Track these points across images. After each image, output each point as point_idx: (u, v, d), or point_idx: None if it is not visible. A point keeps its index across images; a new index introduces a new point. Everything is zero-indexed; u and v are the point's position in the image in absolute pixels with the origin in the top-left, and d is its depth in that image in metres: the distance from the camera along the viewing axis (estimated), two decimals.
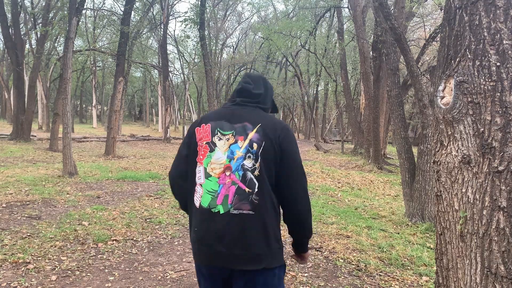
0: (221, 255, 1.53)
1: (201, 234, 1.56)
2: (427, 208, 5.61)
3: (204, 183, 1.57)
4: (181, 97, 41.95)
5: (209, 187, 1.56)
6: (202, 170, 1.59)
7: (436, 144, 1.78)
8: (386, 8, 5.99)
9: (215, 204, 1.54)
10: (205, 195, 1.56)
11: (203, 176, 1.58)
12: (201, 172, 1.59)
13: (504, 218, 1.47)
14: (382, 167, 12.40)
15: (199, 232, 1.57)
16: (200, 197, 1.57)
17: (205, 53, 13.04)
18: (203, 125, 1.64)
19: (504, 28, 1.53)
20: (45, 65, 23.60)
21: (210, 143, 1.60)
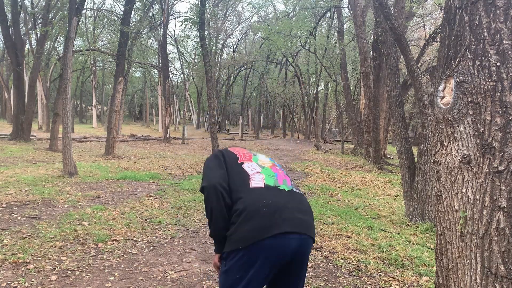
0: (303, 223, 1.74)
1: (280, 205, 1.72)
2: (427, 208, 5.61)
3: (262, 171, 1.87)
4: (181, 97, 41.99)
5: (268, 173, 1.86)
6: (255, 164, 1.91)
7: (436, 144, 1.78)
8: (386, 8, 5.99)
9: (278, 184, 1.82)
10: (268, 178, 1.83)
11: (258, 167, 1.89)
12: (254, 165, 1.90)
13: (504, 218, 1.47)
14: (382, 167, 12.40)
15: (275, 203, 1.71)
16: (263, 179, 1.81)
17: (205, 53, 13.04)
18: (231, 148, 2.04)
19: (504, 28, 1.53)
20: (45, 65, 23.60)
21: (249, 152, 2.02)
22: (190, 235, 4.64)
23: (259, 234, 1.64)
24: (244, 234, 1.66)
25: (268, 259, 1.66)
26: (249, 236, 1.65)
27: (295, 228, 1.69)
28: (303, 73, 30.57)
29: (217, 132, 15.14)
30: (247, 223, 1.66)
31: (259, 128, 34.23)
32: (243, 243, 1.65)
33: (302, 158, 15.71)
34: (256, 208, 1.68)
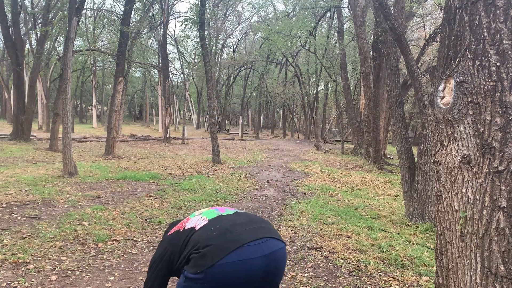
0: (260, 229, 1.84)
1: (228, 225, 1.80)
2: (427, 208, 5.61)
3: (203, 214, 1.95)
4: (181, 97, 41.98)
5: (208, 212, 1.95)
6: (193, 218, 1.96)
7: (436, 144, 1.78)
8: (386, 8, 5.98)
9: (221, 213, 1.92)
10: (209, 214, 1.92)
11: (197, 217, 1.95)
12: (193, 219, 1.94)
13: (504, 218, 1.47)
14: (382, 167, 12.40)
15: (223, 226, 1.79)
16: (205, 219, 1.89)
17: (205, 53, 13.04)
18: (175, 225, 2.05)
19: (504, 28, 1.53)
20: (45, 65, 23.60)
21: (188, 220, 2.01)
22: None
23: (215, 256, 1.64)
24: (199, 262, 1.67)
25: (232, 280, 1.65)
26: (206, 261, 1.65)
27: (253, 237, 1.69)
28: (303, 73, 30.56)
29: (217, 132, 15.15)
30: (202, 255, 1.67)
31: (259, 128, 34.23)
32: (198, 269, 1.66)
33: (302, 158, 15.71)
34: (207, 236, 1.74)
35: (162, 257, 1.92)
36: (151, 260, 1.98)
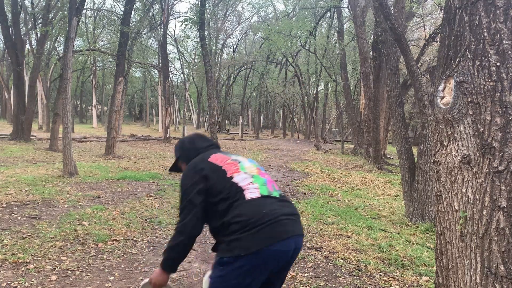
0: (296, 224, 1.82)
1: (280, 212, 1.77)
2: (427, 208, 5.61)
3: (254, 180, 1.87)
4: (181, 97, 41.99)
5: (260, 182, 1.88)
6: (243, 174, 1.88)
7: (436, 144, 1.78)
8: (386, 8, 5.98)
9: (270, 191, 1.86)
10: (261, 187, 1.85)
11: (248, 177, 1.88)
12: (244, 176, 1.88)
13: (504, 218, 1.47)
14: (382, 167, 12.40)
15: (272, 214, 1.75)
16: (257, 189, 1.83)
17: (205, 53, 13.04)
18: (212, 155, 1.97)
19: (504, 28, 1.53)
20: (45, 65, 23.60)
21: (233, 160, 1.96)
22: None
23: (262, 242, 1.68)
24: (247, 243, 1.67)
25: (267, 266, 1.71)
26: (253, 245, 1.67)
27: (292, 232, 1.76)
28: (303, 73, 30.56)
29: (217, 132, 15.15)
30: (250, 232, 1.68)
31: (259, 128, 34.23)
32: (246, 251, 1.66)
33: (302, 158, 15.71)
34: (257, 218, 1.71)
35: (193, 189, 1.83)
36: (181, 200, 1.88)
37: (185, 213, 1.82)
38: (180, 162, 2.18)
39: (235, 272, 1.69)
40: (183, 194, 1.87)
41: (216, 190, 1.82)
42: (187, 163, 2.04)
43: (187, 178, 1.89)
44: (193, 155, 2.06)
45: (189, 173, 1.92)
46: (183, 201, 1.85)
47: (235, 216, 1.73)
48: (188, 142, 2.17)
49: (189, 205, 1.81)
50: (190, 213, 1.80)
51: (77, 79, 33.36)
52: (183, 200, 1.85)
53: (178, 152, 2.17)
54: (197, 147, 2.11)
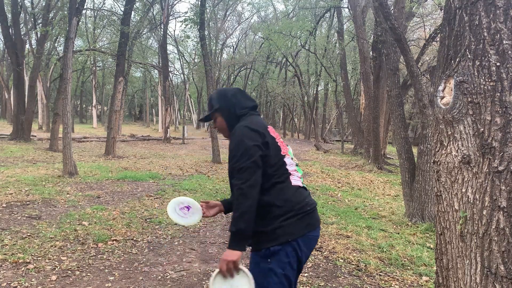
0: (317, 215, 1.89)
1: (314, 203, 1.86)
2: (427, 208, 5.61)
3: (297, 169, 1.88)
4: (181, 97, 41.98)
5: (299, 172, 1.90)
6: (290, 159, 1.86)
7: (436, 144, 1.78)
8: (386, 8, 5.98)
9: (303, 183, 1.88)
10: (301, 178, 1.88)
11: (294, 163, 1.87)
12: (291, 161, 1.86)
13: (504, 218, 1.47)
14: (382, 167, 12.40)
15: (311, 203, 1.83)
16: (299, 178, 1.86)
17: (205, 53, 13.04)
18: (269, 127, 1.87)
19: (504, 28, 1.53)
20: (45, 65, 23.59)
21: (282, 141, 1.91)
22: (190, 235, 4.64)
23: (305, 228, 1.74)
24: (292, 229, 1.70)
25: (307, 252, 1.77)
26: (298, 230, 1.71)
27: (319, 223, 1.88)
28: (303, 73, 30.55)
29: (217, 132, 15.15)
30: (294, 219, 1.71)
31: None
32: (292, 237, 1.69)
33: (302, 158, 15.71)
34: (301, 206, 1.75)
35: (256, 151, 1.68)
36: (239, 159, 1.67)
37: (249, 172, 1.63)
38: (218, 114, 1.94)
39: (284, 260, 1.67)
40: (243, 153, 1.66)
41: (269, 163, 1.72)
42: (227, 117, 1.89)
43: (249, 138, 1.70)
44: (237, 111, 1.88)
45: (251, 133, 1.72)
46: (245, 160, 1.64)
47: (280, 199, 1.70)
48: (231, 95, 1.93)
49: (254, 166, 1.64)
50: (255, 174, 1.64)
51: (77, 79, 33.36)
52: (245, 159, 1.64)
53: (217, 103, 1.92)
54: (242, 104, 1.90)
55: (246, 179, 1.62)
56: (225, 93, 1.94)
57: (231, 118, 1.89)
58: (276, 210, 1.69)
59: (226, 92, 1.95)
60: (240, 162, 1.65)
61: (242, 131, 1.73)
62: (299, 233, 1.70)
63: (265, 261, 1.68)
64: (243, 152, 1.66)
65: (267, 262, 1.68)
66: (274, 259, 1.67)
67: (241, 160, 1.65)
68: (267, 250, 1.68)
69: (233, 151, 1.70)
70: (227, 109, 1.90)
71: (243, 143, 1.68)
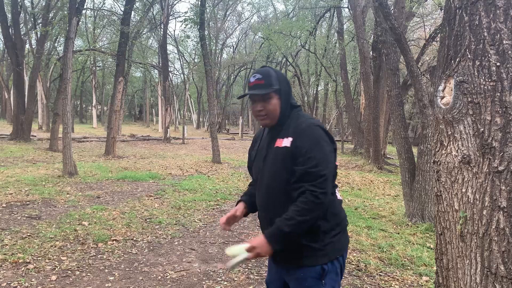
0: None
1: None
2: (427, 208, 5.61)
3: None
4: (181, 97, 41.95)
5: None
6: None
7: (436, 144, 1.78)
8: (386, 8, 5.98)
9: None
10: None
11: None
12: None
13: (504, 218, 1.47)
14: (382, 167, 12.40)
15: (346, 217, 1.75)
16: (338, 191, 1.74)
17: (205, 53, 13.03)
18: None
19: (504, 28, 1.53)
20: (45, 65, 23.57)
21: None
22: (190, 235, 4.64)
23: (346, 244, 1.71)
24: (340, 245, 1.64)
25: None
26: (343, 246, 1.67)
27: None
28: (303, 73, 30.52)
29: (217, 132, 15.16)
30: (341, 234, 1.66)
31: (259, 128, 34.19)
32: (339, 253, 1.63)
33: None
34: (345, 221, 1.71)
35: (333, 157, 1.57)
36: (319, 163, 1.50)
37: (328, 182, 1.49)
38: (275, 95, 1.66)
39: (334, 278, 1.59)
40: (323, 159, 1.51)
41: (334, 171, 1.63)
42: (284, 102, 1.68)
43: (326, 141, 1.57)
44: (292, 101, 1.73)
45: (326, 136, 1.58)
46: (325, 167, 1.50)
47: (330, 213, 1.59)
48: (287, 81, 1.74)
49: (331, 175, 1.51)
50: (331, 184, 1.53)
51: (77, 79, 33.36)
52: (325, 166, 1.50)
53: (278, 84, 1.67)
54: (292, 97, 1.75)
55: (324, 189, 1.48)
56: (284, 75, 1.74)
57: (286, 104, 1.69)
58: (325, 224, 1.57)
59: (284, 75, 1.75)
60: (319, 168, 1.49)
61: (319, 132, 1.56)
62: (344, 249, 1.67)
63: (317, 282, 1.57)
64: (323, 158, 1.51)
65: (320, 284, 1.56)
66: (327, 280, 1.58)
67: (322, 166, 1.49)
68: (320, 267, 1.57)
69: (311, 153, 1.51)
70: (284, 92, 1.68)
71: (323, 147, 1.53)
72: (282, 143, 1.59)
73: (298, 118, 1.65)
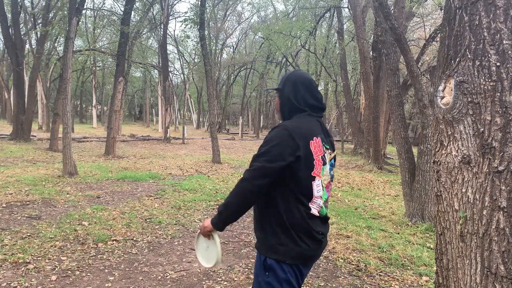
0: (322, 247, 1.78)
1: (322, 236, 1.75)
2: (427, 208, 5.61)
3: (323, 195, 1.74)
4: (181, 97, 41.96)
5: (324, 197, 1.75)
6: (320, 183, 1.72)
7: (436, 144, 1.78)
8: (386, 8, 5.98)
9: (325, 210, 1.78)
10: (323, 206, 1.75)
11: (321, 189, 1.73)
12: (320, 185, 1.72)
13: (504, 218, 1.47)
14: (382, 167, 12.40)
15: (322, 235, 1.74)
16: (320, 207, 1.73)
17: (205, 53, 13.03)
18: (315, 138, 1.72)
19: (504, 28, 1.53)
20: (45, 65, 23.59)
21: (323, 157, 1.75)
22: (190, 235, 4.64)
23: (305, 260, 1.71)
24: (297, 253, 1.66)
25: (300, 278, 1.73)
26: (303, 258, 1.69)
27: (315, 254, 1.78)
28: None
29: (217, 132, 15.16)
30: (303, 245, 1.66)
31: (259, 128, 34.23)
32: (294, 261, 1.66)
33: None
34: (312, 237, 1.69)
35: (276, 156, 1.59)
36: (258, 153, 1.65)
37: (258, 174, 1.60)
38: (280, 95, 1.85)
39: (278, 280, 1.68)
40: (266, 152, 1.62)
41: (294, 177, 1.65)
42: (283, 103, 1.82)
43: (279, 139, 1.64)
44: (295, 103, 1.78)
45: (287, 139, 1.63)
46: (258, 161, 1.62)
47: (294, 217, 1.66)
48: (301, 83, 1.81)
49: (265, 172, 1.59)
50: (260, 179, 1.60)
51: (77, 79, 33.35)
52: (264, 159, 1.61)
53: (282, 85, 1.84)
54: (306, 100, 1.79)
55: (246, 177, 1.62)
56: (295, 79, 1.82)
57: (285, 106, 1.82)
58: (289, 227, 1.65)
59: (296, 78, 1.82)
60: (254, 158, 1.64)
61: (281, 133, 1.65)
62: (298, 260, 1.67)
63: (263, 273, 1.69)
64: (263, 152, 1.63)
65: (265, 275, 1.68)
66: (270, 275, 1.67)
67: (257, 158, 1.63)
68: (268, 260, 1.67)
69: (264, 144, 1.67)
70: (286, 95, 1.81)
71: (271, 144, 1.63)
72: None
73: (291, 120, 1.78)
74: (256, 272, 1.75)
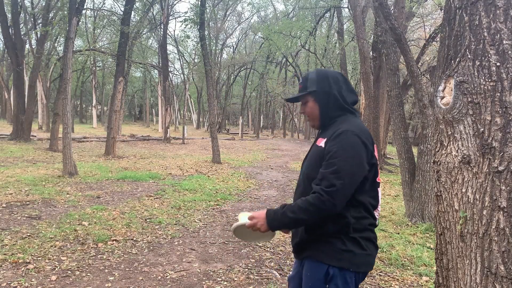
0: None
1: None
2: (427, 208, 5.61)
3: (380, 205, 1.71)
4: (181, 97, 41.96)
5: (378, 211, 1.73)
6: (379, 189, 1.70)
7: (436, 144, 1.78)
8: (386, 8, 5.98)
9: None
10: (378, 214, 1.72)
11: (379, 196, 1.70)
12: (379, 192, 1.68)
13: (504, 218, 1.47)
14: (382, 167, 12.41)
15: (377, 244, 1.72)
16: (378, 213, 1.73)
17: (205, 53, 13.04)
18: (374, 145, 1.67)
19: (504, 28, 1.53)
20: (45, 65, 23.58)
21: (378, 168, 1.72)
22: (190, 235, 4.64)
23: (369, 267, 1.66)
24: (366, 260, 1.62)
25: None
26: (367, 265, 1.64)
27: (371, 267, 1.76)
28: (303, 73, 30.54)
29: (217, 132, 15.16)
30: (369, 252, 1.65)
31: (259, 128, 34.22)
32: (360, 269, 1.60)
33: (302, 158, 15.71)
34: (375, 245, 1.73)
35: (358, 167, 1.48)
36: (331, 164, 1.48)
37: (339, 195, 1.46)
38: (310, 98, 1.69)
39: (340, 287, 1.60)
40: (342, 168, 1.46)
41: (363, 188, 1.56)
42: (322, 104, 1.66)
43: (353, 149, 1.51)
44: (336, 102, 1.64)
45: (360, 147, 1.53)
46: (341, 178, 1.45)
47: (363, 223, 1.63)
48: (333, 79, 1.66)
49: (346, 190, 1.47)
50: (342, 200, 1.47)
51: (77, 79, 33.34)
52: (341, 176, 1.45)
53: (315, 85, 1.67)
54: (344, 98, 1.66)
55: (332, 199, 1.45)
56: (326, 76, 1.67)
57: (326, 107, 1.65)
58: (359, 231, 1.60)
59: (328, 75, 1.67)
60: (335, 175, 1.46)
61: (352, 140, 1.51)
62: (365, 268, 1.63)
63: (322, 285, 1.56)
64: (342, 167, 1.47)
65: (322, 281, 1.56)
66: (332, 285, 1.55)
67: (337, 174, 1.46)
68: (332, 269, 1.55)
69: (333, 159, 1.49)
70: (325, 95, 1.65)
71: (348, 156, 1.49)
72: (320, 143, 1.64)
73: (343, 122, 1.62)
74: (310, 285, 1.58)
